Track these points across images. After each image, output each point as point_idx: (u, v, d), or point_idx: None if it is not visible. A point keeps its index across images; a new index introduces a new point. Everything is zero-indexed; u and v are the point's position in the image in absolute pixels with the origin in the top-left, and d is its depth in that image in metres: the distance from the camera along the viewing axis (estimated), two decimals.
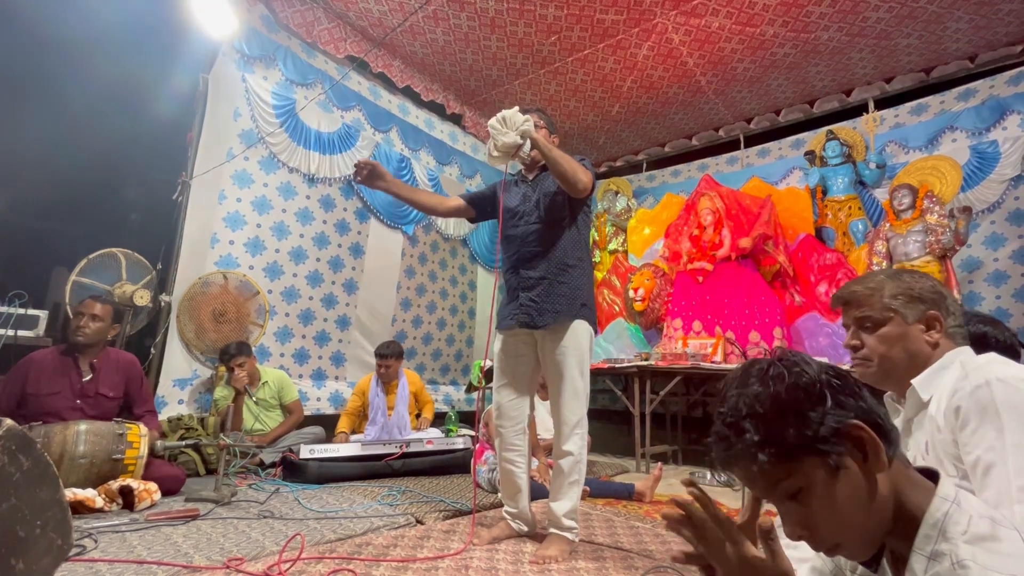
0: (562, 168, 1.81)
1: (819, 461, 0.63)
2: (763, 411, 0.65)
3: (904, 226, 3.87)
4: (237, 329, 3.56)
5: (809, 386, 0.64)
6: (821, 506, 0.64)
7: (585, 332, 1.90)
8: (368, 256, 4.52)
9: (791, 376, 0.65)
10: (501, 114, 1.86)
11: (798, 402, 0.64)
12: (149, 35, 3.87)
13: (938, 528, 0.61)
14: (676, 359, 3.81)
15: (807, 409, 0.63)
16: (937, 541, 0.61)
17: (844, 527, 0.64)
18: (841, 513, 0.64)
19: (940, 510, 0.62)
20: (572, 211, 1.96)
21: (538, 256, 1.93)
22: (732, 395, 0.68)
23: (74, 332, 2.36)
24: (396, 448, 3.00)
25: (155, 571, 1.50)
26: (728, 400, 0.69)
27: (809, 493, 0.64)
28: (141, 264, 3.25)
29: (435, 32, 4.28)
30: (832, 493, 0.63)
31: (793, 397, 0.64)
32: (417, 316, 4.92)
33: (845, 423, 0.63)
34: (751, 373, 0.68)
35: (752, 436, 0.64)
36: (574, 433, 1.86)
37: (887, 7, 3.76)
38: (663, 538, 2.03)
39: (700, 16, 3.95)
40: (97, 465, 2.11)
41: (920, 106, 4.53)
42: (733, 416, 0.67)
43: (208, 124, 3.58)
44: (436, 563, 1.67)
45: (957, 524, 0.61)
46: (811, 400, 0.64)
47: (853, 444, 0.63)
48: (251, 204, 3.81)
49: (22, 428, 1.11)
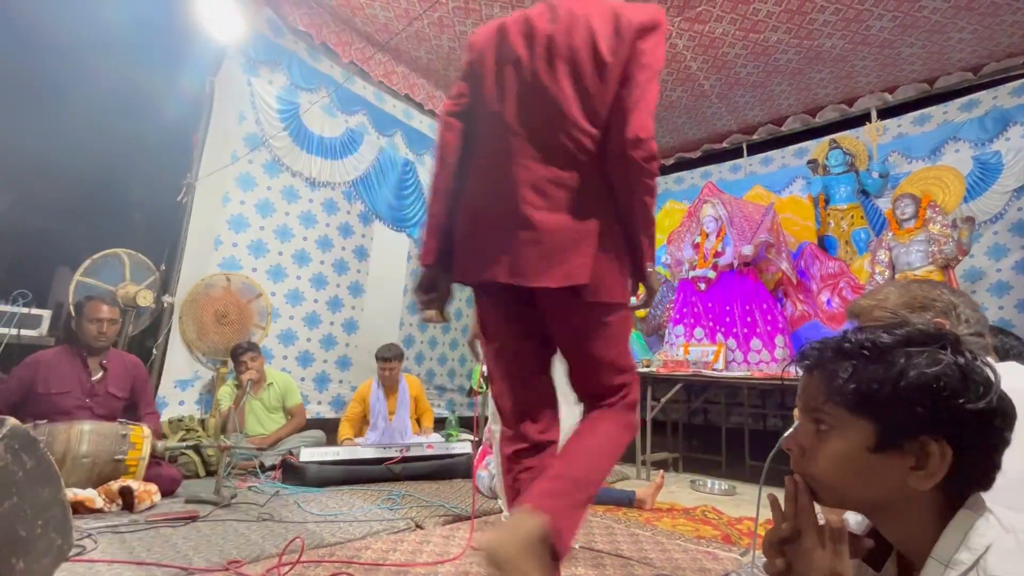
0: None
1: (876, 432, 0.62)
2: (887, 358, 0.62)
3: (907, 236, 3.87)
4: (239, 331, 3.57)
5: (936, 381, 0.60)
6: (832, 454, 0.65)
7: None
8: (373, 259, 4.52)
9: (934, 365, 0.61)
10: None
11: (936, 385, 0.60)
12: (156, 38, 3.90)
13: (960, 538, 0.60)
14: (677, 366, 3.81)
15: (916, 400, 0.60)
16: (959, 550, 0.59)
17: (833, 480, 0.65)
18: (840, 474, 0.64)
19: (967, 520, 0.61)
20: None
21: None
22: (865, 334, 0.66)
23: (93, 339, 2.37)
24: (396, 452, 2.99)
25: (154, 572, 1.50)
26: (855, 334, 0.67)
27: (834, 439, 0.64)
28: (145, 265, 3.26)
29: (440, 38, 4.31)
30: (847, 455, 0.64)
31: (938, 378, 0.60)
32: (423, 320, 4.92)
33: (925, 436, 0.60)
34: (912, 337, 0.64)
35: (846, 364, 0.64)
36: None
37: (890, 16, 3.78)
38: (663, 546, 2.02)
39: (704, 22, 3.97)
40: (99, 465, 2.11)
41: (923, 116, 4.54)
42: (851, 342, 0.66)
43: (213, 127, 3.60)
44: (435, 568, 1.67)
45: (983, 536, 0.59)
46: (926, 395, 0.60)
47: (923, 451, 0.61)
48: (254, 207, 3.83)
49: (25, 427, 1.11)
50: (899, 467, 0.61)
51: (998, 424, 0.60)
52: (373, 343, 4.40)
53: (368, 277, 4.47)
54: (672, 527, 2.32)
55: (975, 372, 0.60)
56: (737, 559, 1.91)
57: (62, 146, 3.72)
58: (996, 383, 0.60)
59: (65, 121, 3.74)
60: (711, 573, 1.75)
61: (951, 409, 0.59)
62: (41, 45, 3.61)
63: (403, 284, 4.71)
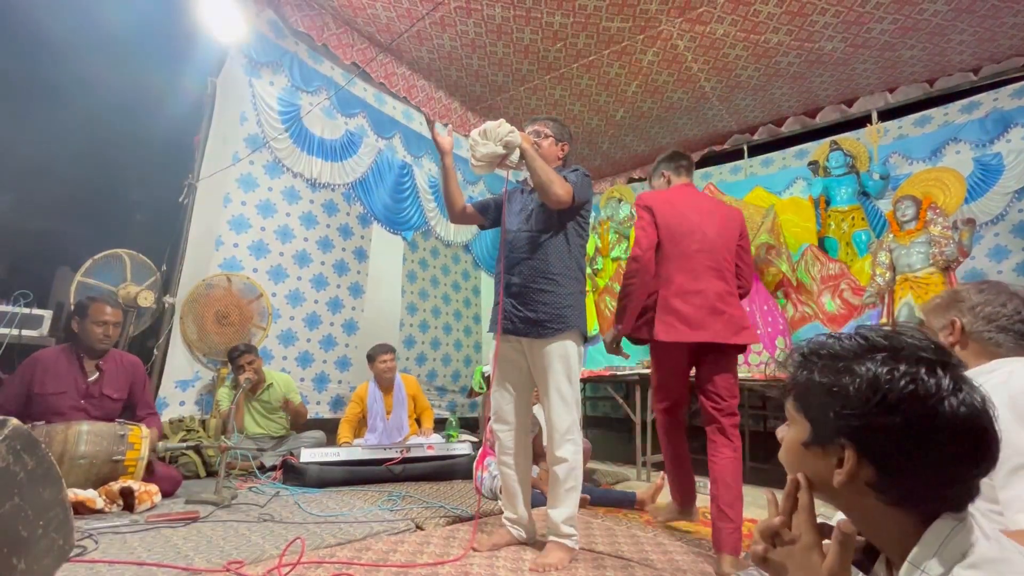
0: (538, 179, 1.86)
1: (810, 430, 0.68)
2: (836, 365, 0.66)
3: (907, 237, 3.87)
4: (240, 331, 3.57)
5: (848, 391, 0.63)
6: (784, 442, 0.73)
7: (571, 342, 1.89)
8: (372, 260, 4.52)
9: (855, 376, 0.63)
10: (483, 126, 1.92)
11: (852, 388, 0.63)
12: (158, 38, 3.91)
13: (938, 544, 0.59)
14: None
15: (833, 406, 0.64)
16: (936, 554, 0.58)
17: (785, 466, 0.73)
18: (788, 461, 0.72)
19: (946, 526, 0.60)
20: (561, 221, 1.96)
21: (522, 263, 1.96)
22: (836, 339, 0.70)
23: (98, 342, 2.37)
24: (397, 453, 2.99)
25: (155, 573, 1.50)
26: (831, 339, 0.70)
27: (790, 431, 0.72)
28: (146, 265, 3.26)
29: (442, 38, 4.31)
30: (789, 445, 0.72)
31: (838, 392, 0.64)
32: (424, 321, 4.92)
33: (842, 439, 0.63)
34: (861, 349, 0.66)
35: (803, 367, 0.70)
36: (565, 439, 1.85)
37: (891, 19, 3.78)
38: (664, 547, 2.02)
39: (705, 23, 3.97)
40: (97, 466, 2.11)
41: (924, 118, 4.54)
42: (812, 349, 0.71)
43: (215, 127, 3.60)
44: (436, 569, 1.67)
45: (959, 544, 0.58)
46: (842, 403, 0.63)
47: (838, 452, 0.65)
48: (256, 208, 3.83)
49: (27, 428, 1.11)
50: (825, 464, 0.66)
51: (938, 439, 0.58)
52: (373, 344, 4.42)
53: (367, 278, 4.47)
54: (672, 529, 2.32)
55: (904, 386, 0.59)
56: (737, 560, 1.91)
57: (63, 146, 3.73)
58: (942, 398, 0.58)
59: (67, 122, 3.75)
60: (711, 575, 1.74)
61: (865, 418, 0.61)
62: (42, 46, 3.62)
63: (400, 285, 4.72)
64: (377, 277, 4.53)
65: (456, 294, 5.30)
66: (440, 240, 5.17)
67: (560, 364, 1.87)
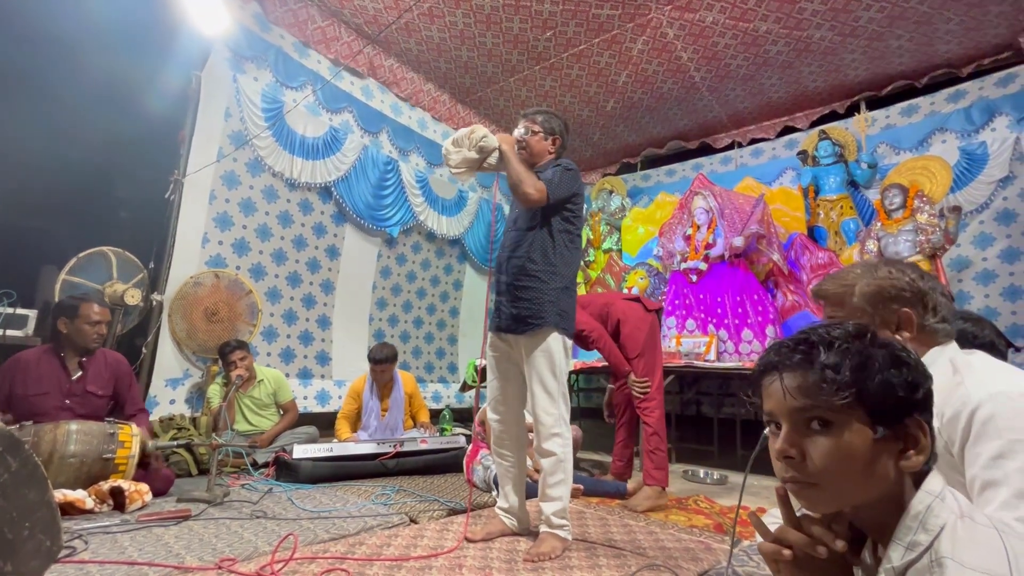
0: (510, 181, 1.89)
1: (871, 421, 0.65)
2: (861, 349, 0.67)
3: (895, 225, 3.91)
4: (229, 329, 3.54)
5: (916, 367, 0.67)
6: (835, 450, 0.64)
7: (555, 338, 1.88)
8: (344, 258, 4.52)
9: (904, 352, 0.68)
10: (454, 135, 1.94)
11: (902, 369, 0.66)
12: (141, 31, 3.81)
13: (919, 520, 0.63)
14: (670, 358, 3.83)
15: (902, 380, 0.65)
16: (916, 532, 0.62)
17: (837, 478, 0.65)
18: (846, 468, 0.64)
19: (923, 503, 0.64)
20: (545, 217, 1.96)
21: (508, 260, 1.99)
22: (821, 330, 0.70)
23: (91, 342, 2.36)
24: (390, 447, 2.99)
25: (146, 572, 1.49)
26: (812, 332, 0.70)
27: (837, 435, 0.65)
28: (132, 263, 3.22)
29: (431, 29, 4.27)
30: (854, 448, 0.64)
31: (899, 362, 0.66)
32: (393, 315, 4.94)
33: (922, 417, 0.66)
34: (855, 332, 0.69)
35: (829, 358, 0.66)
36: (551, 433, 1.86)
37: (878, 7, 3.79)
38: (656, 536, 2.04)
39: (694, 11, 3.96)
40: (87, 465, 2.09)
41: (911, 107, 4.57)
42: (815, 338, 0.69)
43: (200, 123, 3.55)
44: (430, 562, 1.67)
45: (937, 518, 0.62)
46: (910, 376, 0.66)
47: (908, 433, 0.66)
48: (238, 205, 3.79)
49: (10, 429, 1.10)
50: (893, 453, 0.65)
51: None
52: (344, 338, 4.45)
53: (339, 275, 4.48)
54: (665, 517, 2.34)
55: (916, 358, 0.69)
56: (728, 548, 1.93)
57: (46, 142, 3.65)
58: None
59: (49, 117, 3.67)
60: (703, 562, 1.76)
61: (925, 386, 0.67)
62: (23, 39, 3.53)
63: (372, 281, 4.73)
64: (348, 273, 4.55)
65: (434, 288, 5.32)
66: (429, 234, 5.14)
67: (543, 358, 1.87)
